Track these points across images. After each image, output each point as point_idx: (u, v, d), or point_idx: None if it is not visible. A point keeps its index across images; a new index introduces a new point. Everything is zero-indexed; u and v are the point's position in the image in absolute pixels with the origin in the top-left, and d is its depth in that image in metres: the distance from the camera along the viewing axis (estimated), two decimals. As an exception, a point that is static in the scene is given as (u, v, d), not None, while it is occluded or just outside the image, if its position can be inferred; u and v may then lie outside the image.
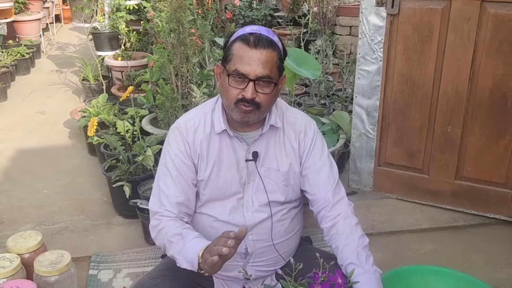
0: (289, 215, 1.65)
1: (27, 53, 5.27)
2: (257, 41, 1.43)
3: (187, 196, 1.57)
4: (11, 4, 5.53)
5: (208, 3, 3.84)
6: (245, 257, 1.60)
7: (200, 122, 1.58)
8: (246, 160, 1.57)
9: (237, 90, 1.45)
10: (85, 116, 3.30)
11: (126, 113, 3.19)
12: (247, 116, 1.48)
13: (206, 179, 1.57)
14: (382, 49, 2.49)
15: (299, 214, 1.71)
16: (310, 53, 3.44)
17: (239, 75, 1.43)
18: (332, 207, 1.59)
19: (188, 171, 1.57)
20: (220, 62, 1.54)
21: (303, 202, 1.73)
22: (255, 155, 1.56)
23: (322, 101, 3.63)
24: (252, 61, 1.42)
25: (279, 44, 1.50)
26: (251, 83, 1.43)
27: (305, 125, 1.64)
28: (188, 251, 1.40)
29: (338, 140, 2.78)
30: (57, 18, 7.32)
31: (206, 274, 1.34)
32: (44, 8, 6.63)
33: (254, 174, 1.58)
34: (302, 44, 3.91)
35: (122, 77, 4.17)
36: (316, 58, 3.21)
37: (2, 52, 5.14)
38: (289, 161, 1.60)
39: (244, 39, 1.44)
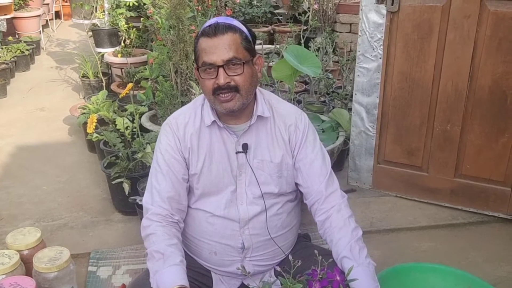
0: (285, 209, 1.65)
1: (26, 50, 5.26)
2: (215, 30, 1.47)
3: (178, 191, 1.57)
4: (10, 0, 5.53)
5: (208, 0, 3.83)
6: (242, 251, 1.60)
7: (190, 117, 1.60)
8: (236, 153, 1.57)
9: (211, 81, 1.48)
10: (84, 113, 3.29)
11: (125, 110, 3.19)
12: (229, 104, 1.49)
13: (199, 173, 1.58)
14: (381, 47, 2.49)
15: (295, 208, 1.71)
16: (310, 50, 3.44)
17: (207, 65, 1.47)
18: (325, 199, 1.59)
19: (179, 166, 1.58)
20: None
21: (300, 197, 1.73)
22: (245, 147, 1.57)
23: (322, 99, 3.63)
24: (216, 49, 1.46)
25: (241, 27, 1.52)
26: (220, 69, 1.46)
27: (295, 118, 1.64)
28: (161, 278, 1.39)
29: (337, 137, 2.78)
30: (57, 15, 7.31)
31: None
32: (44, 4, 6.62)
33: (245, 166, 1.58)
34: (302, 41, 3.90)
35: (122, 74, 4.17)
36: (316, 56, 3.21)
37: (2, 48, 5.13)
38: (282, 152, 1.61)
39: (203, 32, 1.50)
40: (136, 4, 4.45)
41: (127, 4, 4.41)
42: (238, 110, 1.52)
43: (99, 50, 4.52)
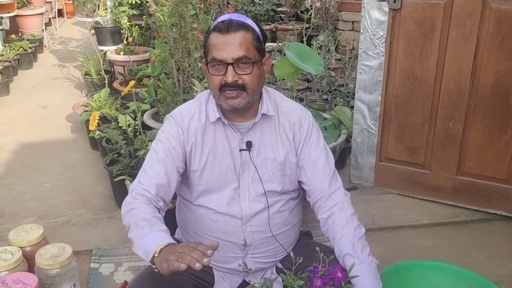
0: (287, 207, 1.65)
1: (29, 48, 5.27)
2: (228, 26, 1.46)
3: (169, 181, 1.54)
4: (13, -2, 5.56)
5: (210, -2, 3.82)
6: (244, 248, 1.61)
7: (195, 112, 1.60)
8: (240, 150, 1.57)
9: (219, 77, 1.47)
10: (87, 111, 3.31)
11: (128, 107, 3.20)
12: (235, 102, 1.48)
13: (201, 169, 1.58)
14: (384, 44, 2.49)
15: (298, 206, 1.72)
16: (312, 48, 3.44)
17: (217, 62, 1.46)
18: (328, 197, 1.59)
19: (176, 157, 1.56)
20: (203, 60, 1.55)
21: (302, 195, 1.73)
22: (249, 144, 1.57)
23: (324, 97, 3.63)
24: (227, 46, 1.45)
25: (253, 26, 1.51)
26: (230, 67, 1.45)
27: (300, 116, 1.64)
28: (148, 241, 1.34)
29: (339, 135, 2.78)
30: (60, 13, 7.33)
31: (156, 270, 1.28)
32: (46, 2, 6.65)
33: (248, 164, 1.58)
34: (304, 39, 3.90)
35: (124, 71, 4.18)
36: (319, 53, 3.21)
37: (5, 46, 5.15)
38: (285, 150, 1.61)
39: (216, 28, 1.48)
40: (139, 2, 4.45)
41: (130, 2, 4.42)
42: (242, 108, 1.52)
43: (101, 48, 4.53)
